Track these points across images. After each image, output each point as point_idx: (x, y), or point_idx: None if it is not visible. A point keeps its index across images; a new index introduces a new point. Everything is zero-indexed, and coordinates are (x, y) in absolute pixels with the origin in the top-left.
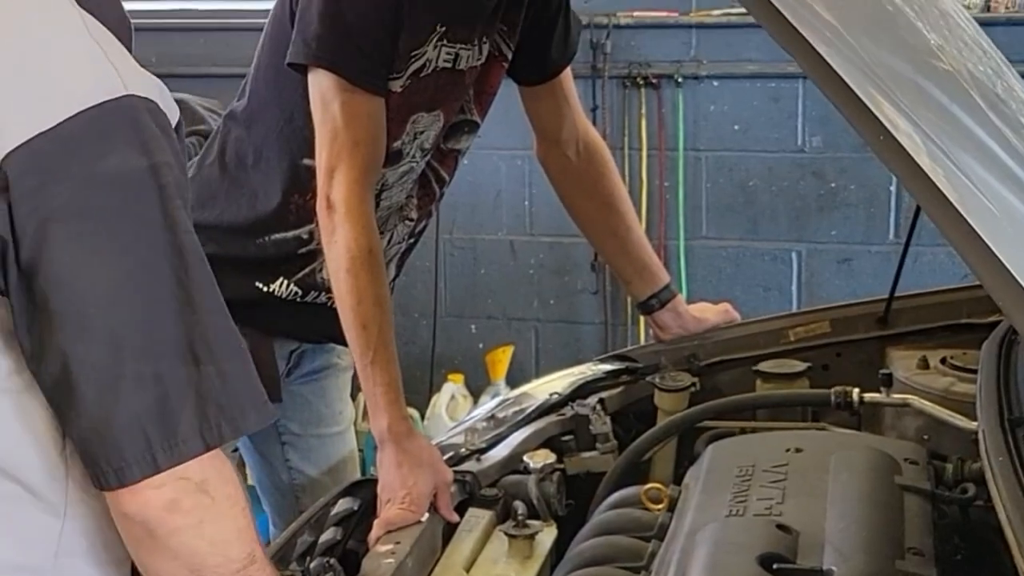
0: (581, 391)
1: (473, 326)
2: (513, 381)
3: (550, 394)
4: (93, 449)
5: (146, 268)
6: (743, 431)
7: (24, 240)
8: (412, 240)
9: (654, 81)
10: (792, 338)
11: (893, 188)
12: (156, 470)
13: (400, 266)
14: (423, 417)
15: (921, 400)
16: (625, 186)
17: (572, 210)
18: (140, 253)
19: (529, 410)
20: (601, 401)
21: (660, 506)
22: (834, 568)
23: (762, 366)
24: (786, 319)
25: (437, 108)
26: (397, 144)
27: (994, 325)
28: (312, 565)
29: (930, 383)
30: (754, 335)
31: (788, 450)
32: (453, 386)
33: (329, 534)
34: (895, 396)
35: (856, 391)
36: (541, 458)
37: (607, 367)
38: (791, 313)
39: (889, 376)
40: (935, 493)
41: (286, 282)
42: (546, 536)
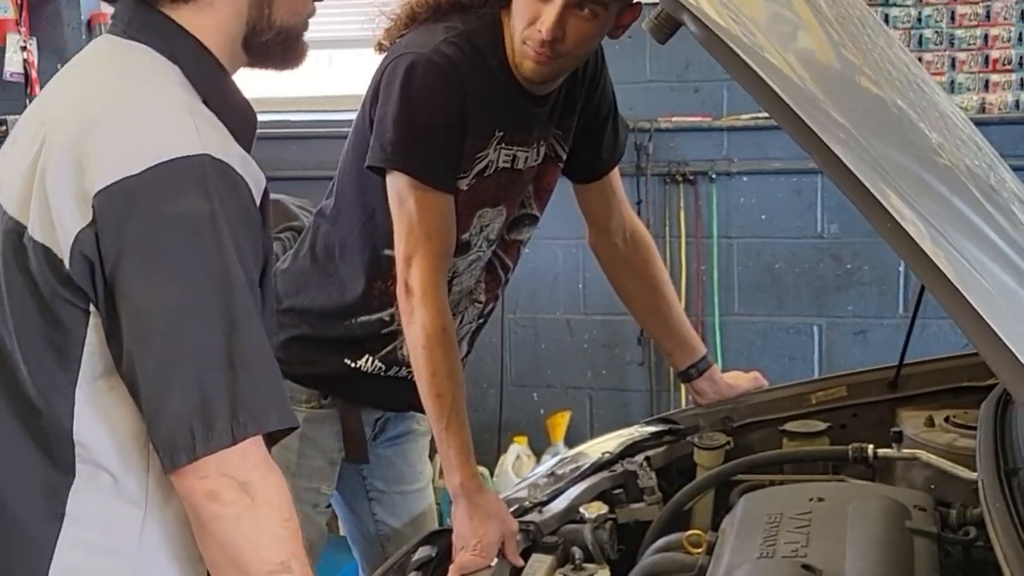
0: (630, 450)
1: (535, 394)
2: (571, 442)
3: (603, 453)
4: (153, 437)
5: (197, 294)
6: (772, 483)
7: (107, 263)
8: (481, 320)
9: (691, 178)
10: (814, 401)
11: (902, 269)
12: (194, 457)
13: (471, 343)
14: (492, 475)
15: (928, 454)
16: (666, 270)
17: (620, 291)
18: (193, 281)
19: (584, 467)
20: (647, 459)
21: (700, 550)
22: None
23: (788, 426)
24: (808, 385)
25: (500, 203)
26: (465, 236)
27: (991, 388)
28: None
29: (935, 439)
30: (781, 399)
31: (811, 500)
32: (518, 447)
33: None
34: (905, 451)
35: (871, 447)
36: (595, 509)
37: (652, 429)
38: (813, 380)
39: (899, 434)
40: (941, 536)
41: (371, 359)
42: None
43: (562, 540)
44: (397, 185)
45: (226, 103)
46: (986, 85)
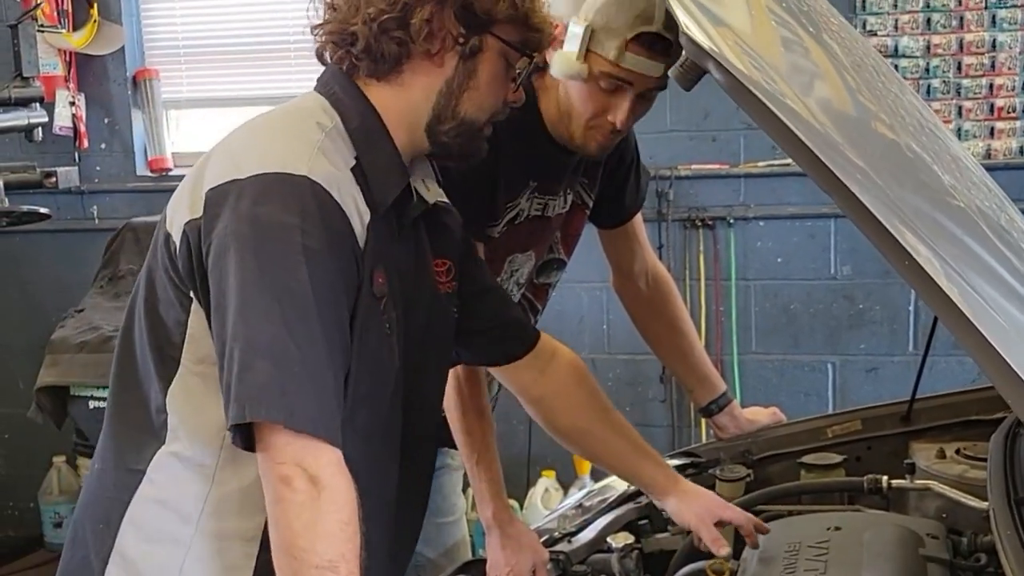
0: None
1: None
2: (597, 475)
3: (628, 486)
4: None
5: (253, 286)
6: (791, 514)
7: (204, 250)
8: None
9: (710, 223)
10: (830, 435)
11: (912, 308)
12: (234, 423)
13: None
14: (522, 507)
15: (940, 485)
16: (687, 311)
17: (643, 331)
18: (252, 273)
19: (611, 499)
20: None
21: None
22: None
23: (806, 459)
24: (824, 419)
25: (530, 249)
26: (497, 280)
27: (1000, 420)
28: None
29: (947, 470)
30: (798, 433)
31: (829, 529)
32: (546, 480)
33: None
34: (918, 482)
35: (885, 478)
36: (622, 539)
37: (675, 462)
38: (828, 414)
39: (912, 465)
40: (953, 563)
41: None
42: None
43: (590, 569)
44: None
45: (377, 164)
46: (991, 132)
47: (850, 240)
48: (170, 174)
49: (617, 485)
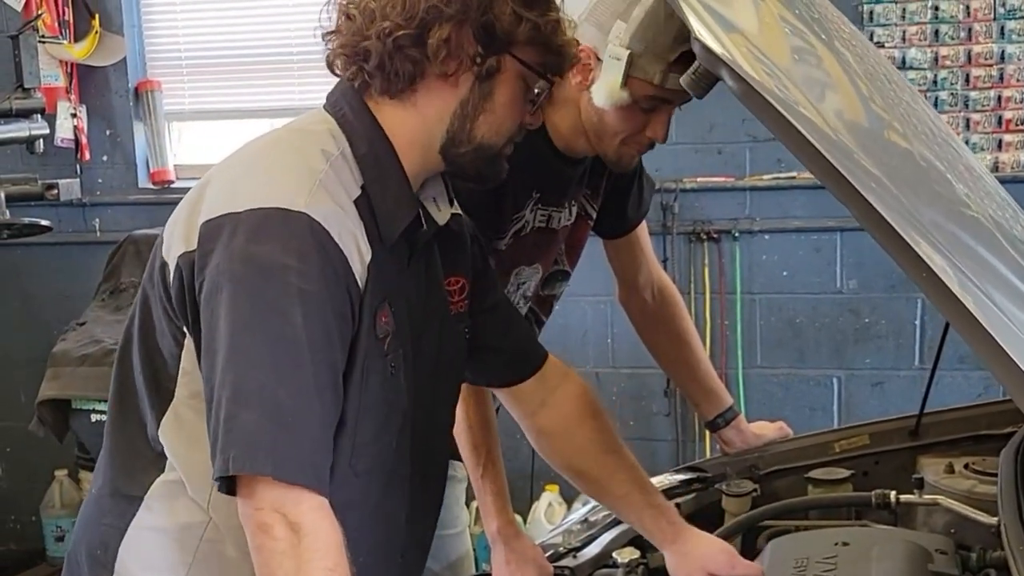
0: None
1: None
2: None
3: None
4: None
5: (245, 330)
6: (798, 529)
7: (198, 286)
8: None
9: (715, 236)
10: (837, 449)
11: (918, 322)
12: (220, 473)
13: None
14: (525, 521)
15: (948, 500)
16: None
17: (649, 344)
18: (245, 317)
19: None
20: (677, 505)
21: None
22: None
23: (813, 473)
24: (832, 434)
25: (536, 262)
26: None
27: (1010, 435)
28: None
29: (955, 485)
30: (805, 448)
31: (836, 544)
32: (550, 495)
33: None
34: (926, 497)
35: (893, 493)
36: (627, 554)
37: (681, 477)
38: (835, 429)
39: (920, 480)
40: None
41: None
42: None
43: None
44: None
45: (386, 193)
46: (999, 145)
47: (856, 254)
48: (172, 186)
49: None
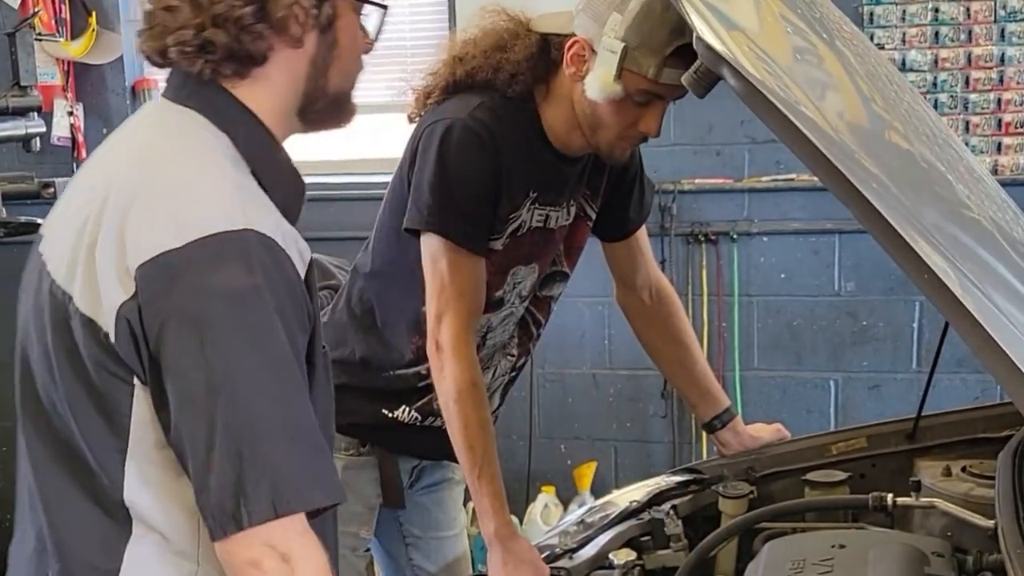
0: (657, 499)
1: (562, 446)
2: (597, 492)
3: (630, 502)
4: (200, 506)
5: (238, 365)
6: (794, 531)
7: (150, 335)
8: (514, 374)
9: (713, 237)
10: (834, 452)
11: (915, 325)
12: (239, 528)
13: (504, 396)
14: (521, 523)
15: (945, 503)
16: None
17: (646, 346)
18: (235, 354)
19: (613, 515)
20: (674, 507)
21: None
22: None
23: (809, 476)
24: (828, 436)
25: (533, 261)
26: (499, 293)
27: (1007, 438)
28: None
29: (952, 488)
30: (802, 450)
31: (833, 546)
32: (546, 496)
33: None
34: (923, 500)
35: (890, 496)
36: (624, 556)
37: (678, 478)
38: (832, 431)
39: (917, 483)
40: None
41: (408, 409)
42: None
43: None
44: (431, 246)
45: (276, 176)
46: (999, 148)
47: (854, 256)
48: None
49: (619, 501)
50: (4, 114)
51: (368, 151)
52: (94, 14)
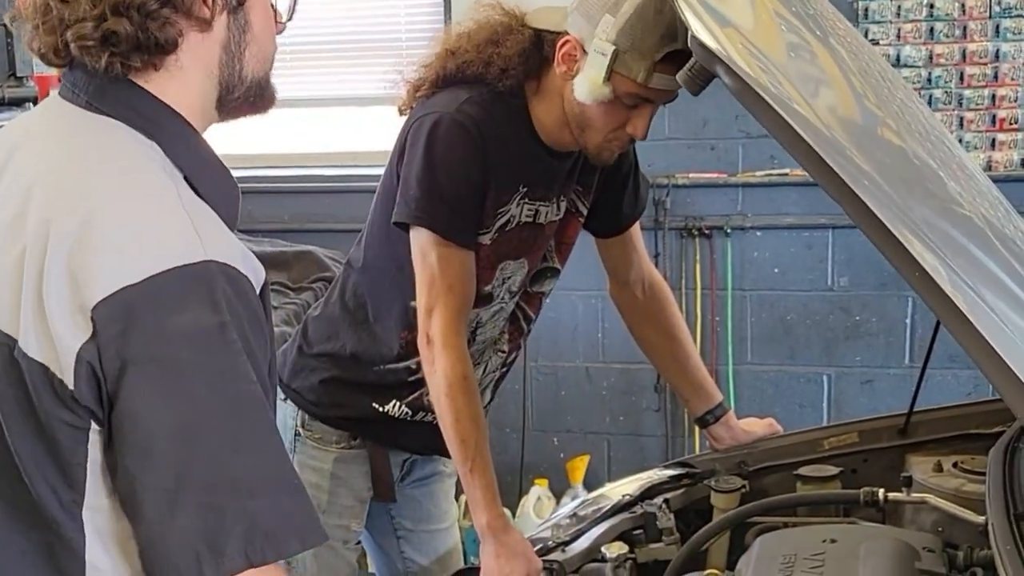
0: (649, 492)
1: (555, 439)
2: (589, 485)
3: (622, 495)
4: (150, 561)
5: (206, 412)
6: (786, 525)
7: (109, 378)
8: (505, 369)
9: (707, 232)
10: (826, 447)
11: (908, 320)
12: None
13: (495, 391)
14: (514, 516)
15: (936, 498)
16: (684, 320)
17: (639, 340)
18: (201, 398)
19: (605, 509)
20: (666, 501)
21: None
22: None
23: (801, 470)
24: (821, 431)
25: (522, 257)
26: (488, 288)
27: (999, 434)
28: None
29: (944, 484)
30: (794, 444)
31: (824, 541)
32: (539, 489)
33: None
34: (914, 495)
35: (881, 491)
36: (616, 549)
37: (670, 472)
38: (825, 426)
39: (909, 478)
40: None
41: (398, 404)
42: None
43: None
44: (420, 240)
45: (211, 182)
46: (993, 144)
47: (847, 251)
48: None
49: (612, 495)
50: (0, 104)
51: (363, 143)
52: None
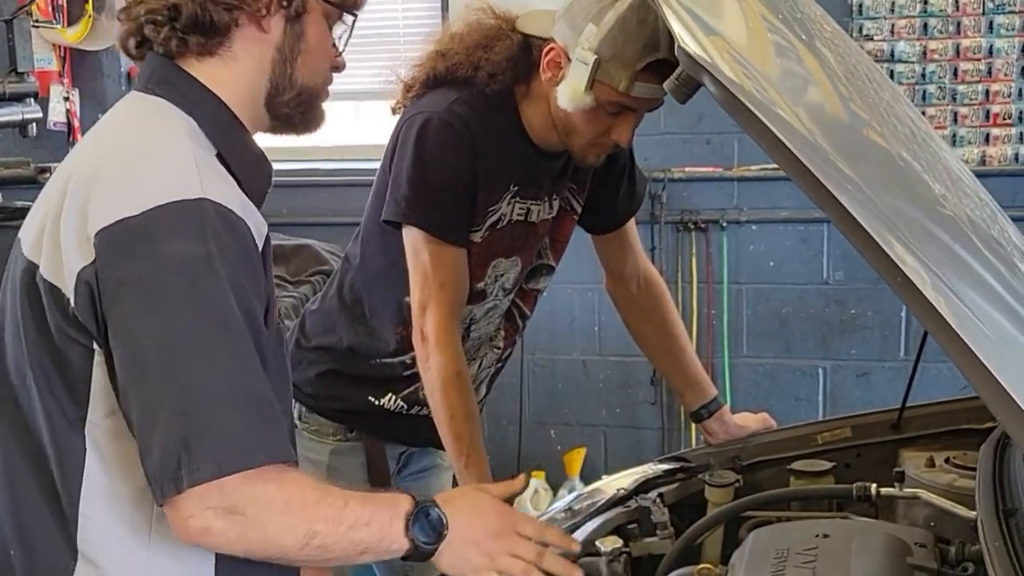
0: (644, 486)
1: (552, 431)
2: (586, 478)
3: (617, 489)
4: (146, 469)
5: (187, 333)
6: (779, 520)
7: (104, 298)
8: (500, 365)
9: (703, 226)
10: (820, 442)
11: (903, 314)
12: (180, 488)
13: (490, 386)
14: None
15: (929, 493)
16: (679, 314)
17: (635, 334)
18: (184, 320)
19: (600, 503)
20: (661, 495)
21: None
22: None
23: (795, 465)
24: (814, 426)
25: (514, 255)
26: (480, 285)
27: (990, 430)
28: None
29: (936, 479)
30: (788, 439)
31: (817, 536)
32: (536, 482)
33: None
34: (907, 490)
35: (874, 486)
36: (611, 543)
37: (665, 466)
38: (818, 421)
39: (901, 473)
40: (940, 571)
41: (394, 397)
42: None
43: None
44: (412, 238)
45: (242, 157)
46: (987, 139)
47: (842, 245)
48: None
49: (607, 489)
50: (1, 100)
51: (360, 137)
52: (90, 1)
